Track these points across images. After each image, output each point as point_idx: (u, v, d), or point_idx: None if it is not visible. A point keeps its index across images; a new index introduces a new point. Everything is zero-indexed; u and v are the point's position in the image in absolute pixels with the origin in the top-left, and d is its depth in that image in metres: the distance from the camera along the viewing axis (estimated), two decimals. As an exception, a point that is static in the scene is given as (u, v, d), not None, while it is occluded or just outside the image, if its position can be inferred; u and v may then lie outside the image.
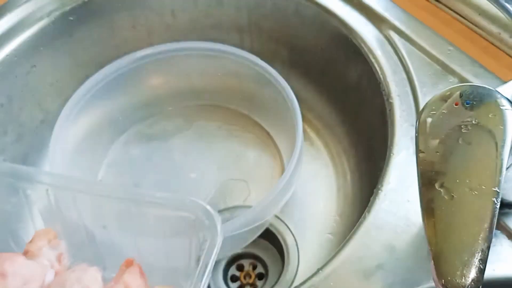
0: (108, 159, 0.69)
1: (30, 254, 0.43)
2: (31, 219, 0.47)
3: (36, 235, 0.45)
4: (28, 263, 0.41)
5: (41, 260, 0.43)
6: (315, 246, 0.61)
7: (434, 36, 0.56)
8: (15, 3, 0.63)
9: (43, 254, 0.43)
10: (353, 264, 0.43)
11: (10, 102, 0.61)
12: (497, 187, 0.34)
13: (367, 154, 0.63)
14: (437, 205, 0.35)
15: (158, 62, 0.67)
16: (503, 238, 0.43)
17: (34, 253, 0.43)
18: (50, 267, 0.43)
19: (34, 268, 0.41)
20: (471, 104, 0.37)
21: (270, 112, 0.67)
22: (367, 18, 0.59)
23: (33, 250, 0.43)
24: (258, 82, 0.63)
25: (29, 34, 0.61)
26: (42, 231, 0.45)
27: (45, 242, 0.44)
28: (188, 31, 0.70)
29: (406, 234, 0.44)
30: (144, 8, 0.67)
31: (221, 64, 0.66)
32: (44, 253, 0.43)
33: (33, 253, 0.43)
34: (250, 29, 0.70)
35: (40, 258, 0.43)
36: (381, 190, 0.47)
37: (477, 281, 0.32)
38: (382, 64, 0.55)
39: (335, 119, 0.69)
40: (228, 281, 0.62)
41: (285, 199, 0.54)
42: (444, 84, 0.53)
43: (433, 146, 0.37)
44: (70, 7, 0.63)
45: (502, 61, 0.54)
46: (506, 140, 0.35)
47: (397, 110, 0.52)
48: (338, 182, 0.65)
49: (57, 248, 0.45)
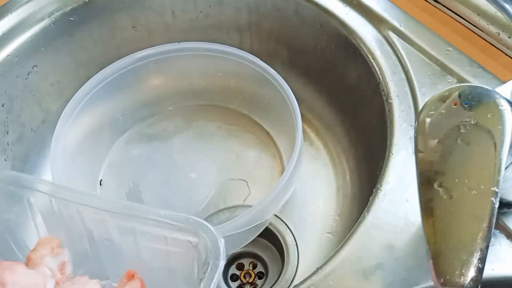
0: (109, 159, 0.69)
1: (32, 262, 0.43)
2: (35, 227, 0.47)
3: (39, 243, 0.45)
4: (29, 273, 0.41)
5: (43, 269, 0.43)
6: (315, 245, 0.61)
7: (433, 36, 0.56)
8: (16, 3, 0.63)
9: (45, 262, 0.43)
10: (352, 264, 0.43)
11: (11, 102, 0.61)
12: (496, 187, 0.34)
13: (367, 154, 0.63)
14: (436, 205, 0.35)
15: (158, 62, 0.67)
16: (502, 238, 0.43)
17: (36, 261, 0.43)
18: (51, 277, 0.43)
19: (34, 278, 0.41)
20: (469, 104, 0.37)
21: (270, 112, 0.67)
22: (366, 18, 0.59)
23: (35, 258, 0.43)
24: (258, 82, 0.64)
25: (30, 34, 0.61)
26: (45, 239, 0.45)
27: (48, 250, 0.44)
28: (188, 31, 0.70)
29: (405, 233, 0.44)
30: (144, 8, 0.67)
31: (221, 64, 0.66)
32: (46, 261, 0.43)
33: (35, 261, 0.43)
34: (250, 29, 0.70)
35: (42, 266, 0.43)
36: (380, 190, 0.47)
37: (476, 280, 0.32)
38: (381, 65, 0.55)
39: (335, 119, 0.69)
40: (228, 280, 0.62)
41: (284, 199, 0.55)
42: (443, 84, 0.53)
43: (432, 146, 0.37)
44: (71, 8, 0.63)
45: (501, 61, 0.54)
46: (504, 140, 0.35)
47: (396, 110, 0.52)
48: (338, 182, 0.66)
49: (60, 256, 0.45)
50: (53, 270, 0.43)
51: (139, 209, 0.42)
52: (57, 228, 0.46)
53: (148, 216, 0.42)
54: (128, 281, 0.43)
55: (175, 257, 0.43)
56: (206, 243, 0.39)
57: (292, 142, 0.55)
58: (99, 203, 0.43)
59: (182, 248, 0.41)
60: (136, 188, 0.66)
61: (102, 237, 0.46)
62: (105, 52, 0.68)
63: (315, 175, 0.67)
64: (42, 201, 0.45)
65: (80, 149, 0.63)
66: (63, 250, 0.45)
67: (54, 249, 0.45)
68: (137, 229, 0.43)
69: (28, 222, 0.46)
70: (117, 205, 0.43)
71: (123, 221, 0.43)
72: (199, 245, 0.40)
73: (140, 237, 0.44)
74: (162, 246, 0.43)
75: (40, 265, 0.43)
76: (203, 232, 0.40)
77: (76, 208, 0.44)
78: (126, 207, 0.43)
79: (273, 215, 0.56)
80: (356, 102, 0.63)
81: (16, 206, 0.45)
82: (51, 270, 0.43)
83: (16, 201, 0.45)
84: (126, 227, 0.43)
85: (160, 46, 0.66)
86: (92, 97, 0.62)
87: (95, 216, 0.44)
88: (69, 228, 0.46)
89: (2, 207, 0.45)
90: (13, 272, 0.40)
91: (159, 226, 0.42)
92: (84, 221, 0.45)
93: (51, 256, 0.44)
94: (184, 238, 0.41)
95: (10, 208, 0.46)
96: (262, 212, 0.52)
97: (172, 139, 0.71)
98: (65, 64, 0.66)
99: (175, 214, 0.41)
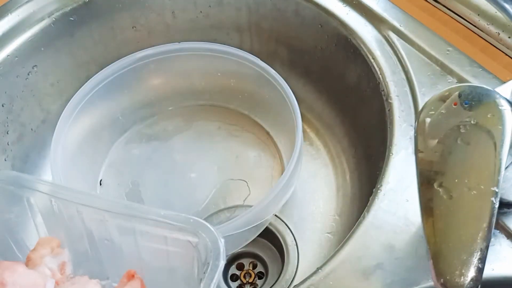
0: (109, 158, 0.69)
1: (32, 262, 0.43)
2: (35, 227, 0.47)
3: (39, 243, 0.45)
4: (29, 273, 0.41)
5: (43, 269, 0.43)
6: (315, 245, 0.61)
7: (433, 36, 0.56)
8: (16, 3, 0.63)
9: (45, 262, 0.43)
10: (352, 264, 0.43)
11: (11, 102, 0.61)
12: (496, 187, 0.34)
13: (367, 154, 0.63)
14: (436, 205, 0.35)
15: (158, 62, 0.67)
16: (502, 238, 0.43)
17: (36, 261, 0.43)
18: (51, 277, 0.43)
19: (34, 278, 0.41)
20: (469, 104, 0.37)
21: (270, 112, 0.67)
22: (366, 18, 0.59)
23: (35, 258, 0.43)
24: (258, 82, 0.64)
25: (30, 34, 0.61)
26: (45, 239, 0.45)
27: (48, 250, 0.44)
28: (188, 31, 0.70)
29: (405, 233, 0.44)
30: (144, 8, 0.67)
31: (221, 64, 0.66)
32: (46, 261, 0.43)
33: (35, 261, 0.43)
34: (250, 29, 0.70)
35: (42, 266, 0.43)
36: (380, 190, 0.47)
37: (476, 280, 0.32)
38: (381, 65, 0.55)
39: (335, 119, 0.69)
40: (228, 280, 0.62)
41: (284, 199, 0.55)
42: (443, 84, 0.53)
43: (432, 146, 0.37)
44: (71, 8, 0.63)
45: (501, 61, 0.54)
46: (504, 140, 0.35)
47: (396, 110, 0.52)
48: (338, 182, 0.66)
49: (60, 256, 0.45)
50: (53, 270, 0.43)
51: (139, 209, 0.42)
52: (57, 228, 0.46)
53: (148, 216, 0.42)
54: (128, 281, 0.43)
55: (175, 257, 0.43)
56: (206, 243, 0.39)
57: (292, 142, 0.55)
58: (99, 203, 0.43)
59: (182, 248, 0.41)
60: (136, 188, 0.66)
61: (102, 237, 0.46)
62: (105, 52, 0.68)
63: (315, 175, 0.67)
64: (42, 201, 0.45)
65: (80, 149, 0.63)
66: (63, 250, 0.45)
67: (54, 249, 0.45)
68: (137, 229, 0.43)
69: (28, 222, 0.46)
70: (117, 205, 0.43)
71: (123, 221, 0.43)
72: (199, 245, 0.40)
73: (140, 237, 0.44)
74: (162, 246, 0.43)
75: (40, 265, 0.43)
76: (203, 232, 0.40)
77: (76, 208, 0.44)
78: (126, 207, 0.43)
79: (273, 215, 0.56)
80: (356, 102, 0.63)
81: (16, 206, 0.45)
82: (51, 270, 0.43)
83: (16, 201, 0.45)
84: (126, 227, 0.43)
85: (160, 46, 0.66)
86: (92, 97, 0.62)
87: (95, 216, 0.44)
88: (69, 228, 0.46)
89: (2, 207, 0.45)
90: (13, 272, 0.40)
91: (159, 226, 0.42)
92: (84, 221, 0.45)
93: (51, 256, 0.44)
94: (184, 238, 0.41)
95: (10, 208, 0.46)
96: (262, 212, 0.52)
97: (172, 139, 0.71)
98: (65, 64, 0.66)
99: (175, 214, 0.41)
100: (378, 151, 0.55)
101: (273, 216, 0.60)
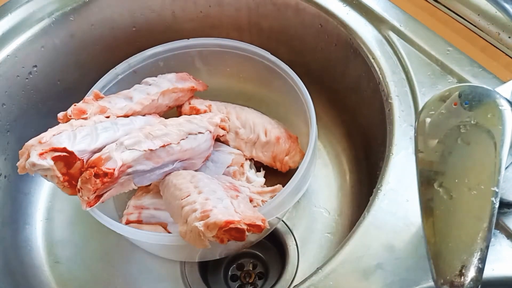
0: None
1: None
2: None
3: None
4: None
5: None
6: (315, 245, 0.61)
7: (433, 36, 0.56)
8: (16, 3, 0.63)
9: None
10: (352, 264, 0.43)
11: (12, 102, 0.61)
12: (496, 187, 0.34)
13: (367, 154, 0.63)
14: (436, 205, 0.35)
15: (168, 59, 0.66)
16: (502, 238, 0.43)
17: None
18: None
19: None
20: (470, 104, 0.37)
21: (280, 107, 0.67)
22: (366, 18, 0.59)
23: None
24: (269, 76, 0.63)
25: (30, 34, 0.61)
26: None
27: None
28: (188, 31, 0.70)
29: (405, 233, 0.44)
30: (144, 8, 0.67)
31: (230, 59, 0.65)
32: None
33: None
34: (250, 29, 0.70)
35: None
36: (380, 190, 0.47)
37: (476, 280, 0.32)
38: (381, 65, 0.55)
39: (335, 119, 0.69)
40: (229, 280, 0.62)
41: (290, 205, 0.54)
42: (443, 84, 0.53)
43: (432, 146, 0.37)
44: (70, 7, 0.63)
45: (501, 61, 0.54)
46: (504, 140, 0.35)
47: (396, 110, 0.52)
48: (338, 182, 0.66)
49: None
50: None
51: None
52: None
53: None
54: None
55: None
56: None
57: (305, 138, 0.55)
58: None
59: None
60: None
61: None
62: (105, 52, 0.68)
63: (315, 175, 0.66)
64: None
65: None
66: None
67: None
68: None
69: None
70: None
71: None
72: None
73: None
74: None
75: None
76: None
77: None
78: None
79: (278, 219, 0.56)
80: (356, 102, 0.63)
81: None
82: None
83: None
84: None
85: (170, 44, 0.65)
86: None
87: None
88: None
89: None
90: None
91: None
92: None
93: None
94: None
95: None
96: (267, 216, 0.52)
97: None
98: (65, 64, 0.66)
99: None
100: (378, 151, 0.55)
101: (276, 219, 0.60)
